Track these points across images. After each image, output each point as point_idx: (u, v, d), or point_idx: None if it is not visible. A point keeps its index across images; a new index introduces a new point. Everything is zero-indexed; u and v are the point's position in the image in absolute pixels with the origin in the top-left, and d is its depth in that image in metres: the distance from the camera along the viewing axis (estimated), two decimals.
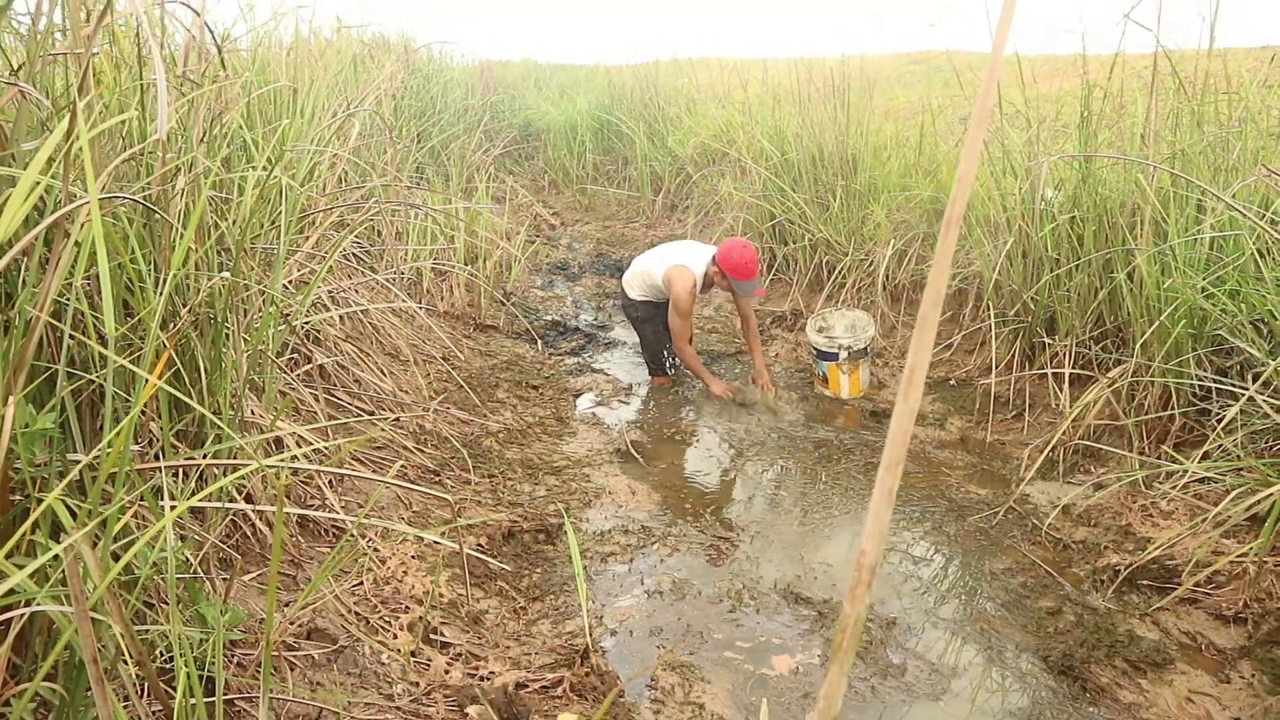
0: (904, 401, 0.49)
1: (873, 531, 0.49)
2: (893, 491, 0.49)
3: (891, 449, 0.49)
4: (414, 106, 8.57)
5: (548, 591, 3.00)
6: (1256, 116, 4.20)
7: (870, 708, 2.56)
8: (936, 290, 0.48)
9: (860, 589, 0.50)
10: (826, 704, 0.51)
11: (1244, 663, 2.70)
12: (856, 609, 0.50)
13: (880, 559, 0.48)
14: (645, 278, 5.09)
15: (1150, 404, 3.90)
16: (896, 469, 0.49)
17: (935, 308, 0.48)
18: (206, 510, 2.27)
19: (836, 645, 0.50)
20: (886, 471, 0.49)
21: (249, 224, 2.63)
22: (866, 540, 0.49)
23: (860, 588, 0.50)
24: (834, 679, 0.51)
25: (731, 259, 4.74)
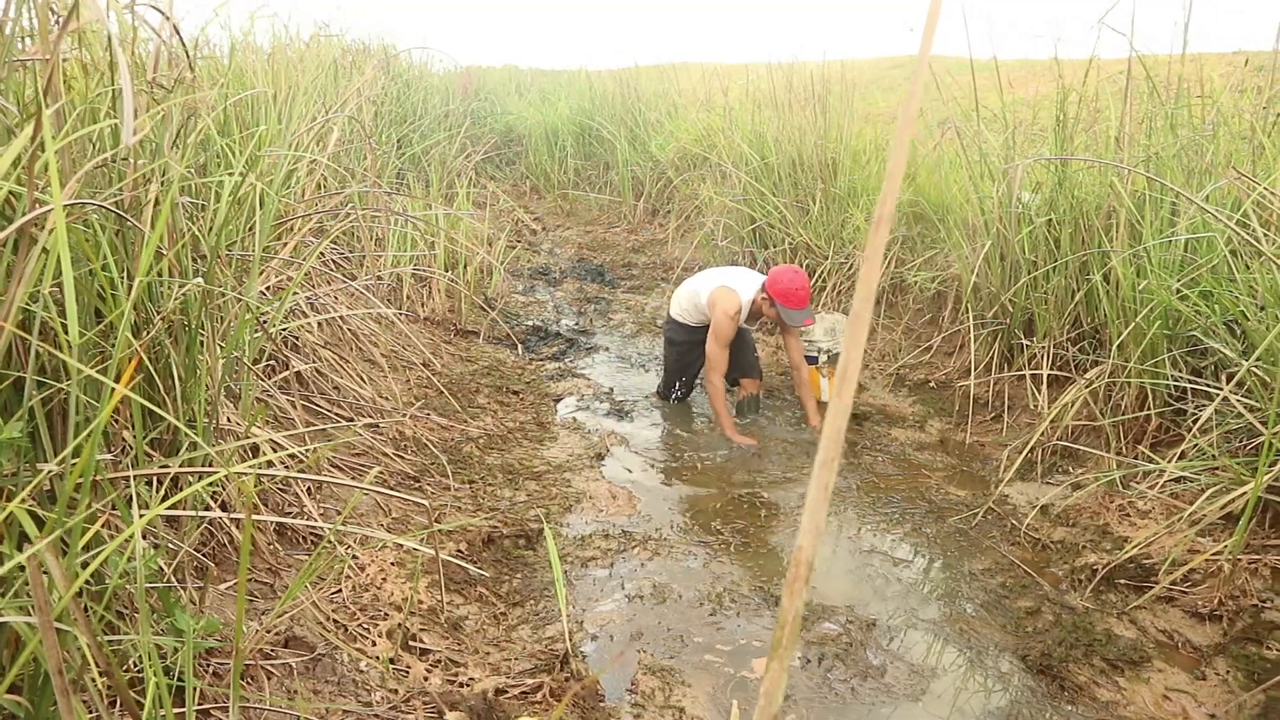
0: (838, 399, 0.49)
1: (809, 527, 0.49)
2: (829, 487, 0.49)
3: (827, 446, 0.49)
4: (394, 112, 8.55)
5: (528, 597, 3.00)
6: (1229, 121, 4.24)
7: (850, 709, 2.57)
8: (868, 286, 0.48)
9: (798, 584, 0.50)
10: (767, 700, 0.51)
11: (1219, 660, 2.72)
12: (794, 603, 0.50)
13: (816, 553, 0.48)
14: (692, 297, 4.79)
15: (1127, 404, 3.94)
16: (832, 465, 0.49)
17: (867, 304, 0.48)
18: (182, 519, 2.25)
19: (776, 641, 0.50)
20: (822, 468, 0.49)
21: (224, 230, 2.62)
22: (803, 536, 0.50)
23: (798, 582, 0.50)
24: (774, 675, 0.51)
25: (781, 283, 4.43)
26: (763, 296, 4.54)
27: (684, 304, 4.86)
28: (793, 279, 4.43)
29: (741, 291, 4.57)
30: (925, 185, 5.58)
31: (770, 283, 4.47)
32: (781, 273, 4.48)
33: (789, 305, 4.42)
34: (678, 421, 4.80)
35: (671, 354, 4.97)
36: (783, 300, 4.42)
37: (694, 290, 4.79)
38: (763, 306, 4.57)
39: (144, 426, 2.19)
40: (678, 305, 4.90)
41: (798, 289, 4.41)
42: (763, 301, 4.54)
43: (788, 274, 4.46)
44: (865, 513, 3.79)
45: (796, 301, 4.42)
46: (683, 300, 4.88)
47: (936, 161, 5.75)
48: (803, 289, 4.43)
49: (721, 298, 4.56)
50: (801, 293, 4.42)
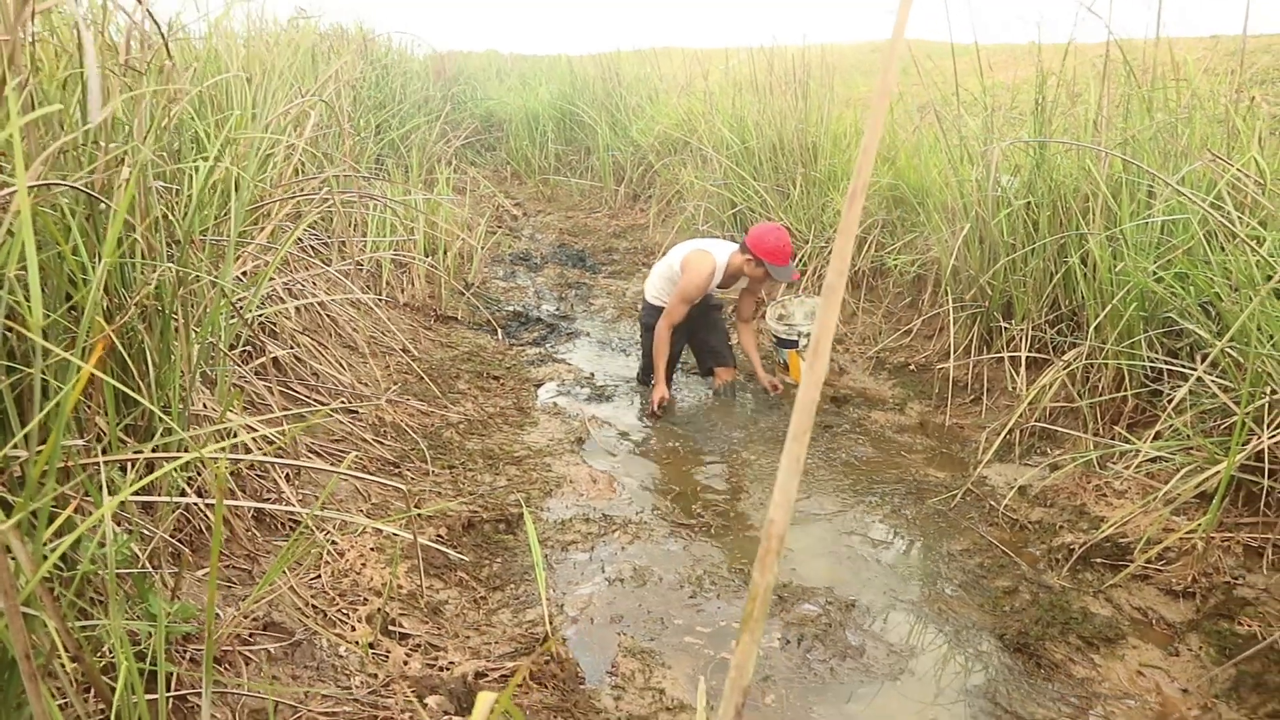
0: (811, 372, 0.49)
1: (780, 500, 0.49)
2: (800, 460, 0.49)
3: (798, 418, 0.49)
4: (373, 98, 8.48)
5: (508, 581, 3.00)
6: (1205, 104, 4.27)
7: (829, 689, 2.58)
8: (841, 260, 0.48)
9: (770, 557, 0.50)
10: (738, 672, 0.51)
11: (1192, 636, 2.76)
12: (766, 578, 0.50)
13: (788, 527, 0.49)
14: (666, 272, 4.80)
15: (1104, 386, 3.97)
16: (804, 438, 0.49)
17: (841, 277, 0.48)
18: (157, 505, 2.23)
19: (747, 614, 0.51)
20: (794, 441, 0.49)
21: (198, 215, 2.59)
22: (774, 509, 0.50)
23: (770, 556, 0.50)
24: (745, 647, 0.51)
25: (767, 242, 4.45)
26: (745, 258, 4.54)
27: (659, 284, 4.86)
28: (778, 236, 4.47)
29: (716, 254, 4.62)
30: (905, 169, 5.59)
31: (754, 242, 4.49)
32: (765, 231, 4.50)
33: (776, 262, 4.45)
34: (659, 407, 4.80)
35: (648, 340, 4.94)
36: (770, 258, 4.45)
37: (667, 264, 4.82)
38: (744, 267, 4.58)
39: (117, 412, 2.17)
40: (653, 288, 4.89)
41: (783, 246, 4.46)
42: (745, 262, 4.56)
43: (772, 231, 4.50)
44: (845, 495, 3.81)
45: (782, 258, 4.46)
46: (657, 280, 4.88)
47: (916, 145, 5.76)
48: (787, 245, 4.48)
49: (695, 260, 4.60)
50: (787, 249, 4.47)
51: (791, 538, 3.46)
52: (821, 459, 4.13)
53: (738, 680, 0.51)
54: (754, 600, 0.50)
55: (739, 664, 0.51)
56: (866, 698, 2.57)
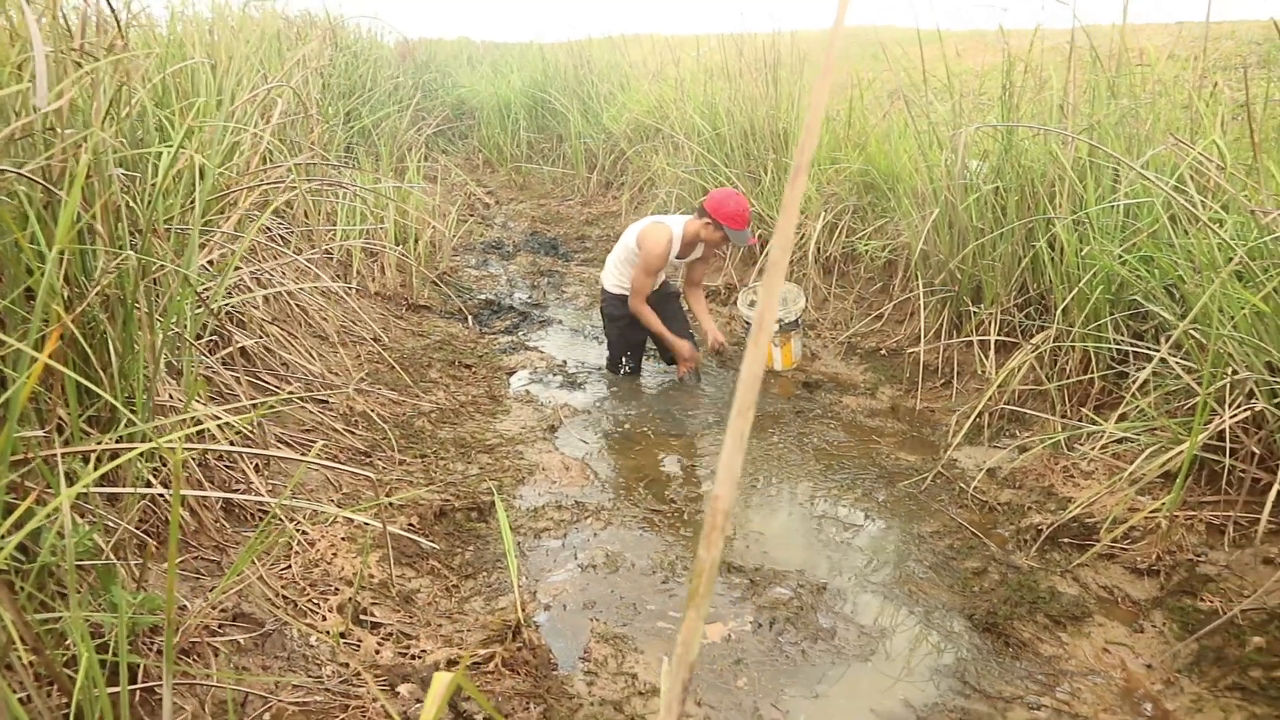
0: (754, 346, 0.49)
1: (725, 477, 0.49)
2: (744, 436, 0.49)
3: (743, 393, 0.49)
4: (342, 85, 8.39)
5: (480, 569, 2.99)
6: (1169, 90, 4.31)
7: (800, 671, 2.60)
8: (785, 235, 0.48)
9: (715, 534, 0.50)
10: (684, 649, 0.52)
11: (1156, 613, 2.80)
12: (711, 554, 0.51)
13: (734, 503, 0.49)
14: (623, 254, 4.79)
15: (1071, 368, 4.01)
16: (748, 413, 0.49)
17: (785, 252, 0.48)
18: (122, 496, 2.21)
19: (692, 591, 0.51)
20: (738, 417, 0.49)
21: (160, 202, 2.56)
22: (719, 485, 0.50)
23: (715, 533, 0.50)
24: (691, 624, 0.51)
25: (726, 207, 4.47)
26: (704, 221, 4.56)
27: (618, 270, 4.84)
28: (736, 201, 4.50)
29: (670, 224, 4.64)
30: (875, 155, 5.61)
31: (713, 207, 4.50)
32: (724, 196, 4.52)
33: (734, 226, 4.48)
34: (631, 392, 4.81)
35: (613, 330, 4.95)
36: (729, 222, 4.47)
37: (622, 246, 4.80)
38: (701, 232, 4.60)
39: (80, 403, 2.14)
40: (612, 276, 4.87)
41: (742, 210, 4.49)
42: (703, 226, 4.58)
43: (731, 197, 4.52)
44: (817, 479, 3.83)
45: (741, 222, 4.49)
46: (615, 268, 4.86)
47: (886, 131, 5.78)
48: (746, 210, 4.51)
49: (651, 231, 4.60)
50: (745, 213, 4.50)
51: (763, 522, 3.48)
52: (794, 444, 4.15)
53: (684, 657, 0.52)
54: (699, 577, 0.51)
55: (685, 640, 0.52)
56: (838, 679, 2.59)
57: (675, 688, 0.53)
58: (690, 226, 4.63)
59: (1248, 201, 3.05)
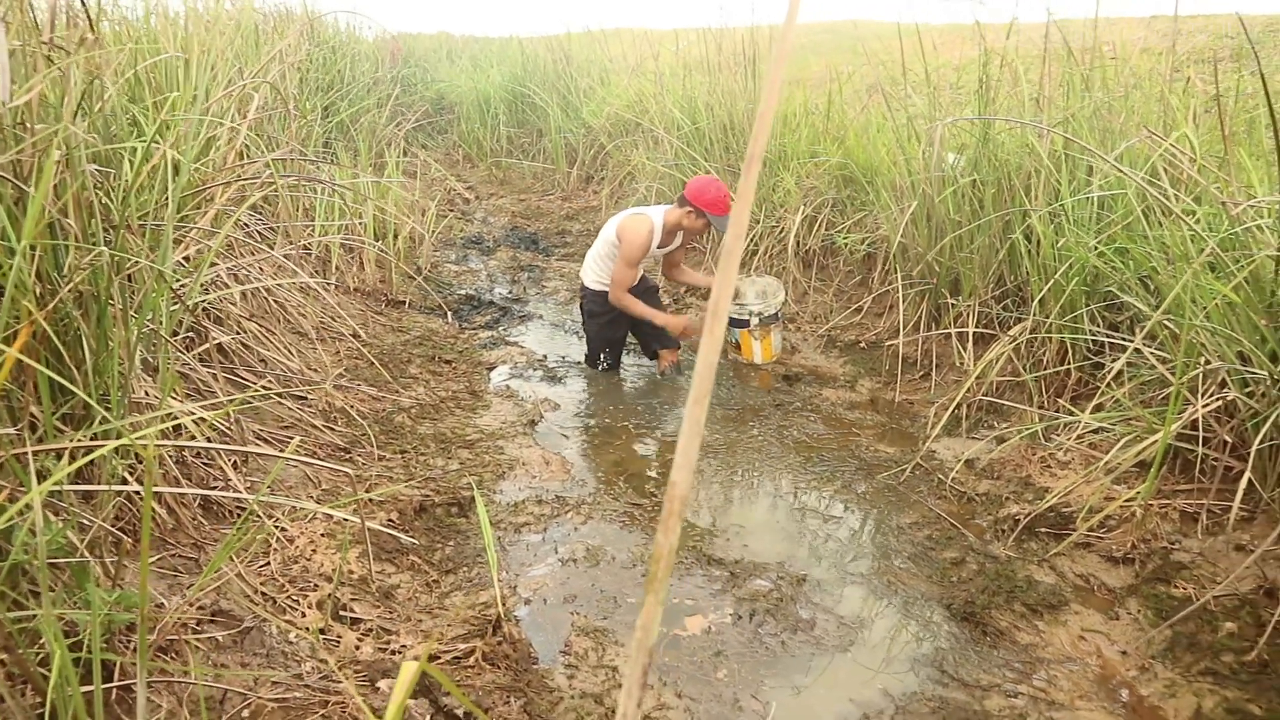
0: (709, 335, 0.50)
1: (682, 463, 0.50)
2: (700, 423, 0.50)
3: (699, 382, 0.50)
4: (320, 80, 8.34)
5: (461, 564, 2.99)
6: (1143, 83, 4.35)
7: (780, 662, 2.62)
8: (740, 224, 0.49)
9: (672, 520, 0.51)
10: (643, 633, 0.52)
11: (1131, 600, 2.83)
12: (669, 539, 0.51)
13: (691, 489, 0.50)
14: (604, 248, 4.76)
15: (1048, 359, 4.04)
16: (704, 401, 0.50)
17: (738, 240, 0.49)
18: (97, 494, 2.20)
19: (651, 576, 0.51)
20: (694, 405, 0.50)
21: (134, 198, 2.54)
22: (676, 472, 0.51)
23: (672, 519, 0.51)
24: (650, 609, 0.52)
25: (707, 194, 4.49)
26: (685, 210, 4.57)
27: (598, 266, 4.82)
28: (717, 187, 4.51)
29: (650, 215, 4.63)
30: (854, 148, 5.63)
31: (694, 195, 4.52)
32: (704, 184, 4.53)
33: (716, 212, 4.50)
34: (611, 387, 4.81)
35: (592, 326, 4.93)
36: (711, 208, 4.49)
37: (603, 240, 4.78)
38: (683, 220, 4.61)
39: (53, 400, 2.12)
40: (592, 272, 4.84)
41: (722, 196, 4.50)
42: (684, 214, 4.59)
43: (711, 184, 4.53)
44: (797, 471, 3.85)
45: (723, 208, 4.50)
46: (595, 263, 4.83)
47: (865, 125, 5.80)
48: (726, 195, 4.52)
49: (631, 223, 4.58)
50: (726, 199, 4.51)
51: (743, 515, 3.49)
52: (774, 436, 4.16)
53: (643, 641, 0.52)
54: (657, 562, 0.51)
55: (644, 624, 0.52)
56: (817, 669, 2.61)
57: (635, 672, 0.54)
58: (671, 216, 4.63)
59: (1219, 193, 3.08)
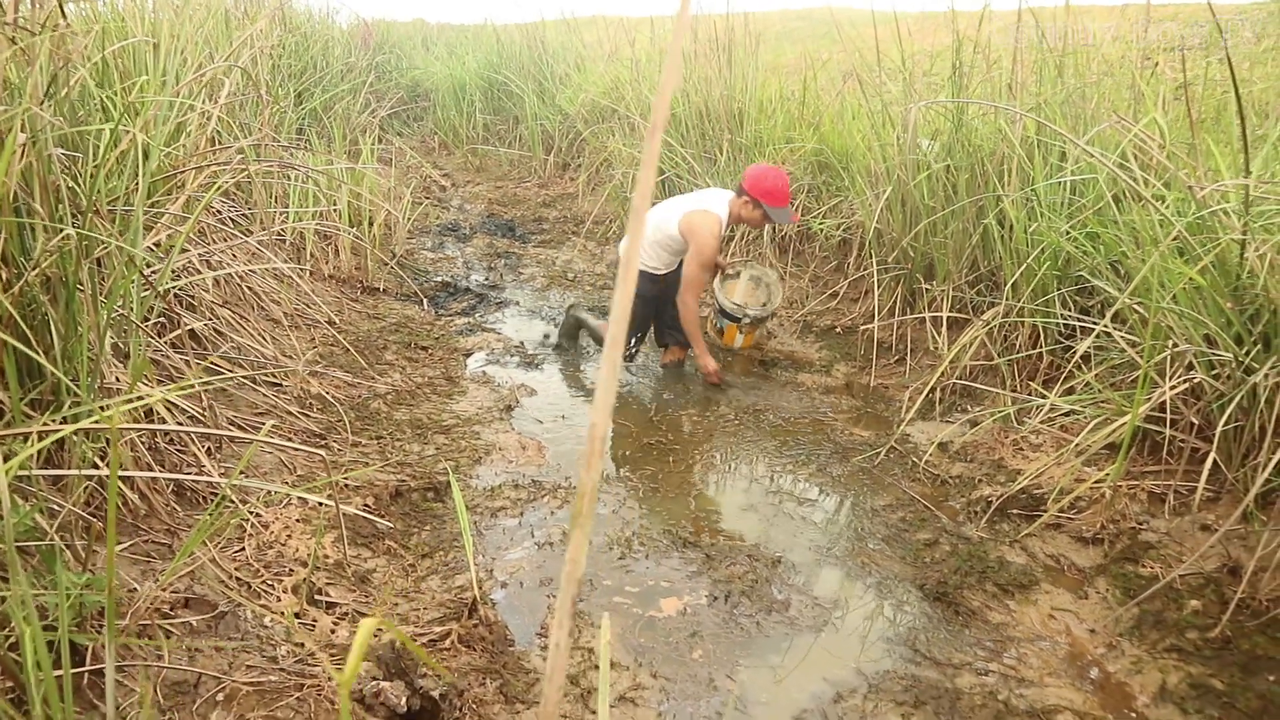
0: (623, 285, 0.52)
1: (600, 404, 0.52)
2: (617, 365, 0.52)
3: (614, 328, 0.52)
4: (293, 66, 8.26)
5: (437, 548, 2.99)
6: (1115, 70, 4.39)
7: (755, 643, 2.64)
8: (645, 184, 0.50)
9: (594, 458, 0.53)
10: (572, 566, 0.54)
11: (1100, 579, 2.88)
12: (591, 476, 0.53)
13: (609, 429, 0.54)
14: (656, 235, 4.48)
15: (1021, 343, 4.09)
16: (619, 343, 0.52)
17: (645, 199, 0.51)
18: (68, 478, 2.18)
19: (576, 512, 0.53)
20: (611, 348, 0.52)
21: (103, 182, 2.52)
22: (594, 413, 0.52)
23: (594, 457, 0.53)
24: (576, 543, 0.54)
25: (765, 182, 4.21)
26: (743, 200, 4.31)
27: (651, 250, 4.57)
28: (776, 177, 4.25)
29: (717, 208, 4.37)
30: (830, 134, 5.65)
31: (752, 184, 4.26)
32: (763, 172, 4.28)
33: (774, 204, 4.23)
34: (588, 372, 4.81)
35: (638, 307, 4.61)
36: (769, 200, 4.23)
37: (656, 225, 4.50)
38: (742, 212, 4.35)
39: (20, 385, 2.11)
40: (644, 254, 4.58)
41: (782, 187, 4.24)
42: (742, 205, 4.32)
43: (770, 173, 4.27)
44: (772, 455, 3.87)
45: (781, 199, 4.24)
46: (649, 246, 4.57)
47: (840, 111, 5.82)
48: (786, 186, 4.26)
49: (699, 221, 4.32)
50: (785, 190, 4.26)
51: (719, 497, 3.51)
52: (750, 420, 4.19)
53: (571, 573, 0.54)
54: (581, 498, 0.53)
55: (572, 558, 0.54)
56: (791, 650, 2.63)
57: (565, 602, 0.56)
58: (732, 205, 4.39)
59: (1186, 178, 3.12)
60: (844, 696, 2.44)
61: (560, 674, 0.62)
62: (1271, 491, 2.73)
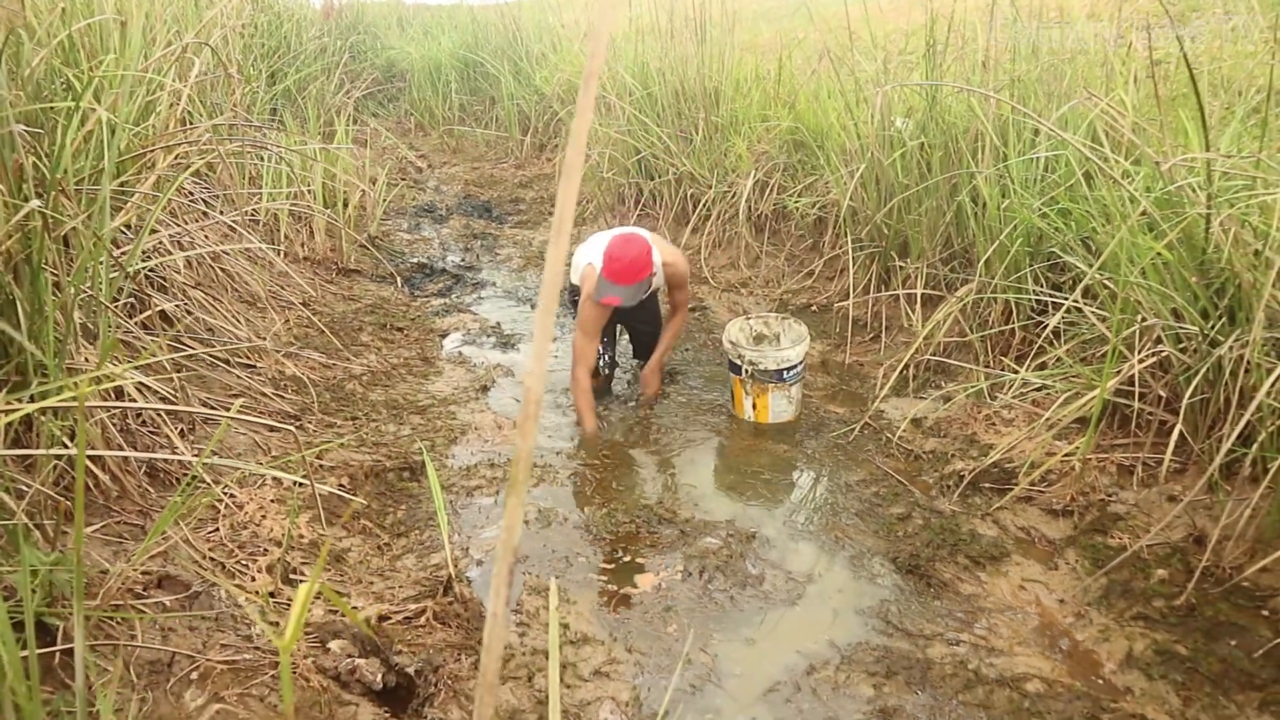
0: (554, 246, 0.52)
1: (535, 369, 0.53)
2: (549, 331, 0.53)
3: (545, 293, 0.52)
4: (265, 45, 8.17)
5: (412, 527, 3.00)
6: (1089, 50, 4.40)
7: (729, 617, 2.67)
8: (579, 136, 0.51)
9: (529, 423, 0.54)
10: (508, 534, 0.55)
11: (1070, 550, 2.92)
12: (526, 442, 0.54)
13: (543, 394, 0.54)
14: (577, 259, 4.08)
15: (993, 320, 4.11)
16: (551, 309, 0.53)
17: (579, 154, 0.51)
18: (37, 459, 2.17)
19: (512, 479, 0.54)
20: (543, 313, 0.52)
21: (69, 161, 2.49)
22: (529, 379, 0.53)
23: (529, 422, 0.54)
24: (512, 510, 0.55)
25: (611, 247, 3.72)
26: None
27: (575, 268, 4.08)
28: (623, 248, 3.68)
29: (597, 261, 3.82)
30: (805, 113, 5.64)
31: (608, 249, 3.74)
32: (617, 238, 3.77)
33: (604, 273, 3.69)
34: (565, 352, 4.81)
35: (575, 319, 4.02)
36: (604, 265, 3.70)
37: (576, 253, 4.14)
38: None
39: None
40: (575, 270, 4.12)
41: (614, 258, 3.67)
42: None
43: (619, 241, 3.73)
44: (747, 432, 3.89)
45: (610, 272, 3.67)
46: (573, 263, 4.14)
47: (815, 90, 5.81)
48: (620, 260, 3.65)
49: (588, 276, 3.83)
50: (618, 264, 3.65)
51: (693, 474, 3.53)
52: (726, 398, 4.20)
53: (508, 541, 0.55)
54: (517, 464, 0.54)
55: (509, 525, 0.55)
56: (765, 623, 2.66)
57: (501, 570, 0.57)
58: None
59: (1154, 154, 3.14)
60: (817, 668, 2.47)
61: (499, 644, 0.63)
62: (1235, 462, 2.78)
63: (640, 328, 4.42)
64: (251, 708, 2.05)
